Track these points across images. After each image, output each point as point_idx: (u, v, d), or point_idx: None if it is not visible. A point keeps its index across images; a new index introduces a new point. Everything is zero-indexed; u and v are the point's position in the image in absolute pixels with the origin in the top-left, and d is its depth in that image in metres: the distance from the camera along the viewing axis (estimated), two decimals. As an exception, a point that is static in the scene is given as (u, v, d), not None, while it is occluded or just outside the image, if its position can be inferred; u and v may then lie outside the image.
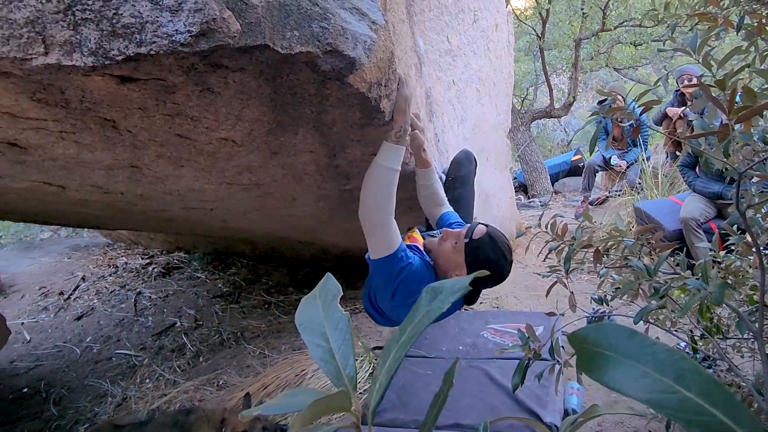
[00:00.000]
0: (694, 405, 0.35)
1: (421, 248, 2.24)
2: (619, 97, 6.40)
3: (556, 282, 1.94)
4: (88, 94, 1.40)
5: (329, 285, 0.62)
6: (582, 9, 8.52)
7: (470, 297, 2.20)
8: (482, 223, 2.15)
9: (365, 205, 2.00)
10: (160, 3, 1.13)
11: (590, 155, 6.73)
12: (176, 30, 1.14)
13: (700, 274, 1.53)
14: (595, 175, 7.05)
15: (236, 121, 1.80)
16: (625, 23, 8.97)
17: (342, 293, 0.63)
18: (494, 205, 5.39)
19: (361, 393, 3.13)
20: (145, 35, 1.13)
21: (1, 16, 1.07)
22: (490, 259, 2.04)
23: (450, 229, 2.18)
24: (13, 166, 1.90)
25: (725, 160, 1.46)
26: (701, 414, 0.34)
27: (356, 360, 3.44)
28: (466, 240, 2.06)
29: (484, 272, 0.69)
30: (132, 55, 1.13)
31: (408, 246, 2.16)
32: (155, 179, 2.31)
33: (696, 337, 2.01)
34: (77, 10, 1.10)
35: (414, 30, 3.49)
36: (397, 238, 2.02)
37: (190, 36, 1.15)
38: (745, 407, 0.36)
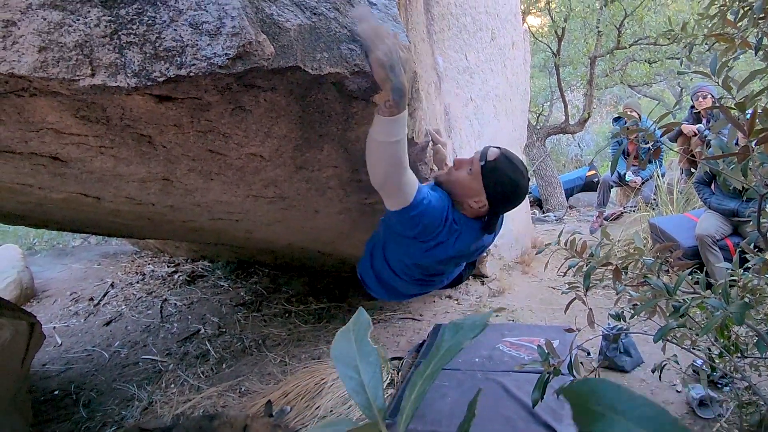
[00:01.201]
0: None
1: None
2: (635, 114, 6.37)
3: (575, 298, 1.93)
4: (128, 112, 1.43)
5: (361, 320, 0.63)
6: (597, 27, 8.52)
7: (489, 225, 2.08)
8: (493, 146, 2.01)
9: (373, 177, 1.86)
10: (200, 27, 1.15)
11: (612, 173, 6.69)
12: (215, 53, 1.16)
13: (720, 293, 1.51)
14: (610, 191, 7.01)
15: (265, 138, 1.82)
16: (639, 41, 8.94)
17: (372, 327, 0.64)
18: (510, 218, 5.37)
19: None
20: (186, 58, 1.16)
21: (52, 40, 1.10)
22: (510, 179, 1.93)
23: (460, 158, 2.05)
24: (54, 178, 1.94)
25: (743, 179, 1.45)
26: None
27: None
28: (482, 163, 1.93)
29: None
30: (173, 76, 1.16)
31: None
32: (185, 191, 2.34)
33: (714, 355, 1.98)
34: (123, 34, 1.13)
35: (434, 48, 3.53)
36: (413, 187, 1.88)
37: (227, 59, 1.17)
38: None
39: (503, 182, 1.94)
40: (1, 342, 2.27)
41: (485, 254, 4.59)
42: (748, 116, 1.32)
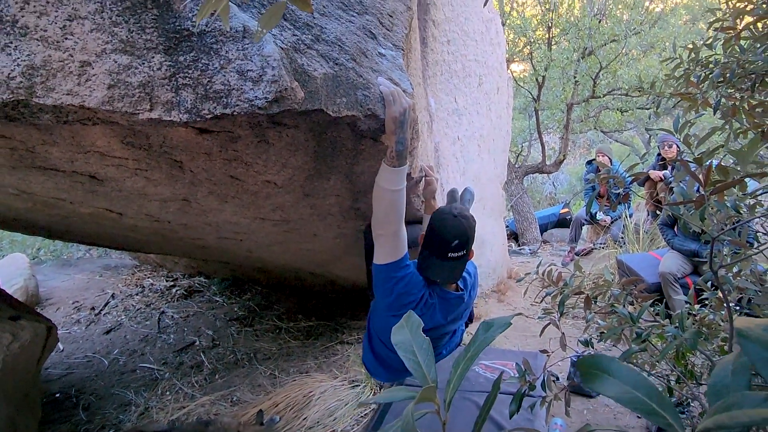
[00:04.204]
0: (641, 400, 0.52)
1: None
2: (607, 158, 6.60)
3: (549, 323, 2.05)
4: (168, 140, 1.55)
5: (413, 319, 0.76)
6: (575, 77, 8.79)
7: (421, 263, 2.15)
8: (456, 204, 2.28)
9: (373, 218, 2.02)
10: (246, 74, 1.29)
11: (586, 214, 6.90)
12: (256, 96, 1.30)
13: (677, 323, 1.64)
14: (582, 228, 7.19)
15: (282, 168, 1.94)
16: (613, 92, 9.23)
17: (423, 324, 0.77)
18: (488, 249, 5.52)
19: (361, 417, 3.20)
20: (231, 99, 1.29)
21: (120, 79, 1.22)
22: (438, 214, 2.11)
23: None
24: (86, 194, 2.04)
25: (701, 224, 1.59)
26: (642, 403, 0.53)
27: (359, 386, 3.50)
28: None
29: None
30: (219, 114, 1.29)
31: None
32: (200, 212, 2.43)
33: (672, 382, 2.10)
34: (180, 77, 1.25)
35: (427, 91, 3.68)
36: (404, 247, 2.05)
37: (266, 102, 1.30)
38: (669, 401, 0.53)
39: (433, 223, 2.11)
40: (21, 342, 2.32)
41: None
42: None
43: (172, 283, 6.28)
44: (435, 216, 2.12)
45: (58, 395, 3.78)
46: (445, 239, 2.03)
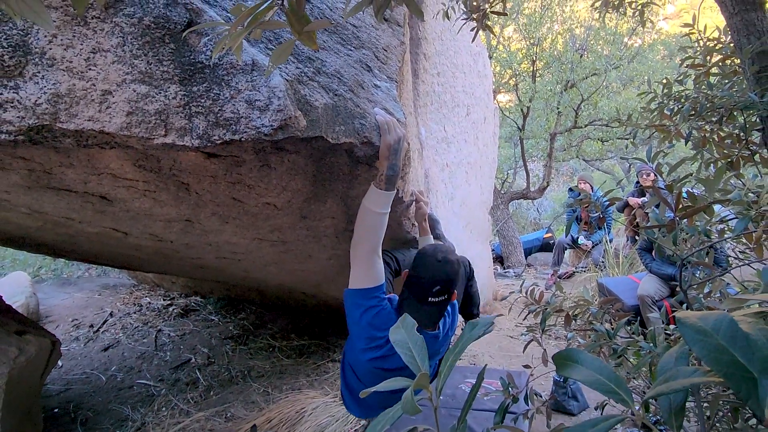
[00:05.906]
0: (602, 382, 0.61)
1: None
2: (588, 185, 6.74)
3: (532, 340, 2.11)
4: (178, 164, 1.62)
5: (408, 321, 0.84)
6: (558, 108, 8.98)
7: (425, 317, 2.04)
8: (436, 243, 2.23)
9: (354, 238, 2.03)
10: (253, 104, 1.36)
11: (566, 236, 7.03)
12: (263, 124, 1.37)
13: (650, 340, 1.71)
14: (564, 252, 7.29)
15: (282, 191, 2.00)
16: (593, 122, 9.42)
17: (416, 323, 0.83)
18: (474, 273, 5.57)
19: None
20: (239, 126, 1.36)
21: (138, 107, 1.29)
22: (422, 256, 2.05)
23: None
24: (95, 214, 2.08)
25: (674, 247, 1.66)
26: (603, 384, 0.63)
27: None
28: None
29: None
30: (228, 140, 1.36)
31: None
32: (202, 232, 2.48)
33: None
34: (193, 105, 1.33)
35: (418, 120, 3.78)
36: (379, 277, 2.02)
37: (272, 129, 1.38)
38: (623, 382, 0.61)
39: (417, 259, 2.08)
40: (27, 356, 2.34)
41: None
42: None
43: (169, 303, 6.26)
44: (418, 258, 2.06)
45: (56, 410, 3.76)
46: (426, 283, 1.97)
